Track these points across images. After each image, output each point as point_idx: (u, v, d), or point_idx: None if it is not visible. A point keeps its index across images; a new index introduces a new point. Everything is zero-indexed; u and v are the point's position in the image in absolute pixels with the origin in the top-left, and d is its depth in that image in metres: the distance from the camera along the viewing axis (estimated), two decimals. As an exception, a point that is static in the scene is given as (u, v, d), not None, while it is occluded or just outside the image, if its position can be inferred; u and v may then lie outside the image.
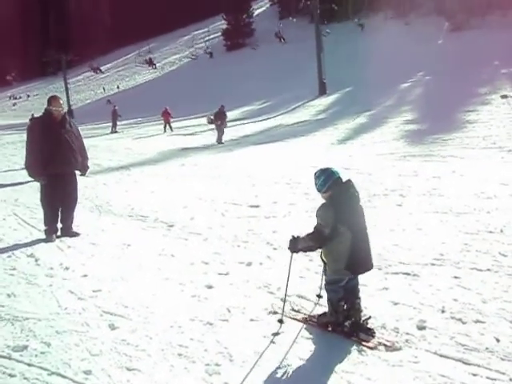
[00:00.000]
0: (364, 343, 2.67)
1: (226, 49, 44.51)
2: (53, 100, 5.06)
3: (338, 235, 2.68)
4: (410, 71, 23.74)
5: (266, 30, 42.10)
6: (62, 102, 5.18)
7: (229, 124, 20.42)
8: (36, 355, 2.74)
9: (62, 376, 2.53)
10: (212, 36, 50.15)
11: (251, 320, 3.07)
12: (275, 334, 2.85)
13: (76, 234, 5.24)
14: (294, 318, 3.06)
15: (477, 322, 2.83)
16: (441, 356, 2.51)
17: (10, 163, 11.86)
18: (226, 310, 3.20)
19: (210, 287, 3.63)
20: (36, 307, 3.37)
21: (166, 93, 34.47)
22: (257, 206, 6.13)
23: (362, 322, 2.79)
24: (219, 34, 47.00)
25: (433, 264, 3.80)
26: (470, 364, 2.42)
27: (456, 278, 3.49)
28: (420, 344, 2.64)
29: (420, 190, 6.40)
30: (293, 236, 2.82)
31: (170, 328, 3.00)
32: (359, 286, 2.90)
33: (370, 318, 2.84)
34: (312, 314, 3.05)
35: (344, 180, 2.79)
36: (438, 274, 3.60)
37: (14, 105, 53.59)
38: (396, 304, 3.13)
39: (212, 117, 14.76)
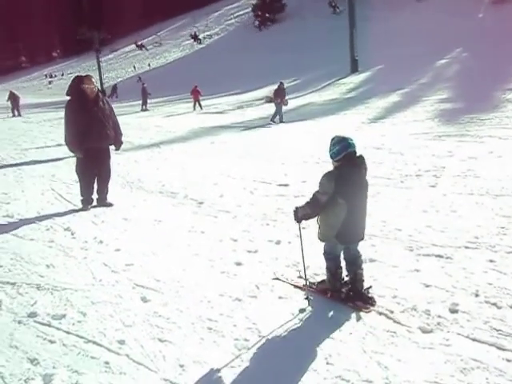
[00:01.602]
0: (360, 309, 2.82)
1: (257, 24, 43.72)
2: (86, 79, 5.29)
3: (336, 205, 2.78)
4: (447, 47, 22.66)
5: (296, 5, 41.04)
6: (94, 80, 5.38)
7: (257, 102, 20.33)
8: (73, 324, 2.86)
9: (98, 344, 2.63)
10: (242, 12, 49.34)
11: (279, 297, 3.09)
12: (303, 312, 2.87)
13: (110, 205, 5.55)
14: (295, 285, 3.20)
15: (513, 307, 2.75)
16: (473, 340, 2.47)
17: (46, 140, 12.21)
18: (255, 286, 3.24)
19: (238, 264, 3.67)
20: (73, 278, 3.51)
21: (196, 71, 34.40)
22: (286, 185, 6.11)
23: (363, 291, 2.94)
24: (249, 9, 46.15)
25: (467, 247, 3.70)
26: (504, 349, 2.36)
27: (491, 261, 3.39)
28: (452, 327, 2.59)
29: (455, 170, 6.20)
30: (296, 207, 2.94)
31: (199, 302, 3.06)
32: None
33: (370, 287, 2.98)
34: (312, 281, 3.17)
35: (357, 154, 2.85)
36: (472, 257, 3.50)
37: (50, 83, 54.82)
38: (428, 286, 3.08)
39: (271, 95, 14.44)
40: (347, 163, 2.80)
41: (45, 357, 2.54)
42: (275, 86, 14.84)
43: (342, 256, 3.05)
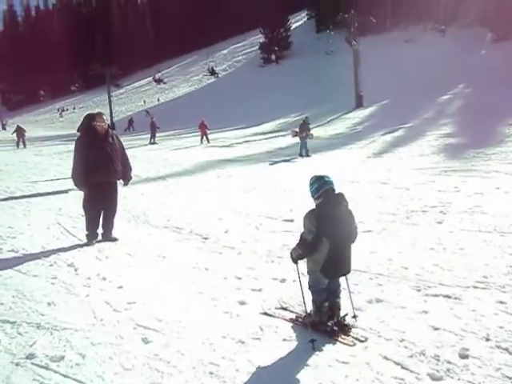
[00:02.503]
0: (342, 342, 2.92)
1: (263, 62, 44.98)
2: (97, 116, 5.46)
3: (318, 242, 2.91)
4: (450, 83, 23.07)
5: (302, 44, 42.32)
6: (105, 117, 5.54)
7: (265, 136, 20.61)
8: (71, 366, 2.79)
9: (96, 389, 2.56)
10: (249, 50, 50.88)
11: (284, 340, 3.01)
12: (309, 356, 2.78)
13: (115, 240, 5.56)
14: (283, 318, 3.29)
15: (525, 352, 2.65)
16: (485, 389, 2.36)
17: (56, 173, 12.37)
18: (259, 328, 3.16)
19: (242, 303, 3.60)
20: (73, 317, 3.45)
21: (204, 105, 35.16)
22: (291, 221, 6.07)
23: (340, 319, 3.09)
24: (256, 47, 47.61)
25: (476, 287, 3.62)
26: (518, 400, 2.26)
27: (501, 302, 3.30)
28: (462, 374, 2.49)
29: (462, 206, 6.16)
30: (292, 249, 3.09)
31: (201, 344, 2.98)
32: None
33: (347, 315, 3.11)
34: (299, 314, 3.27)
35: (336, 191, 3.03)
36: (481, 298, 3.42)
37: (61, 116, 56.17)
38: (436, 329, 2.99)
39: (297, 129, 14.68)
40: (326, 200, 2.98)
41: (41, 402, 2.46)
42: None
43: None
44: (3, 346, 3.05)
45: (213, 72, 47.72)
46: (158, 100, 47.71)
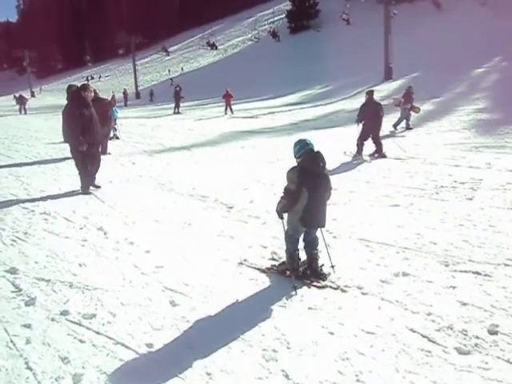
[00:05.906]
0: (313, 284, 3.34)
1: (290, 31, 43.81)
2: (87, 87, 6.43)
3: (301, 192, 3.28)
4: (485, 56, 21.97)
5: (331, 12, 40.86)
6: (92, 89, 6.56)
7: (287, 108, 20.30)
8: (103, 324, 2.90)
9: (126, 347, 2.65)
10: (276, 18, 49.53)
11: (309, 308, 3.03)
12: (334, 325, 2.80)
13: (97, 187, 6.63)
14: (257, 268, 3.65)
15: (557, 331, 2.59)
16: (515, 365, 2.34)
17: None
18: (284, 296, 3.18)
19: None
20: (104, 278, 3.56)
21: (229, 75, 34.69)
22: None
23: (317, 268, 3.51)
24: (283, 15, 46.30)
25: (507, 265, 3.54)
26: (548, 377, 2.23)
27: (534, 281, 3.22)
28: (491, 350, 2.47)
29: (493, 183, 5.97)
30: (276, 204, 3.48)
31: (227, 309, 3.04)
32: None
33: (323, 265, 3.54)
34: (274, 263, 3.67)
35: (315, 151, 3.44)
36: (512, 275, 3.34)
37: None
38: (465, 304, 2.95)
39: (402, 99, 12.75)
40: (306, 158, 3.41)
41: (75, 356, 2.57)
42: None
43: (301, 239, 3.55)
44: (39, 302, 3.19)
45: (213, 45, 46.71)
46: (182, 69, 47.31)
